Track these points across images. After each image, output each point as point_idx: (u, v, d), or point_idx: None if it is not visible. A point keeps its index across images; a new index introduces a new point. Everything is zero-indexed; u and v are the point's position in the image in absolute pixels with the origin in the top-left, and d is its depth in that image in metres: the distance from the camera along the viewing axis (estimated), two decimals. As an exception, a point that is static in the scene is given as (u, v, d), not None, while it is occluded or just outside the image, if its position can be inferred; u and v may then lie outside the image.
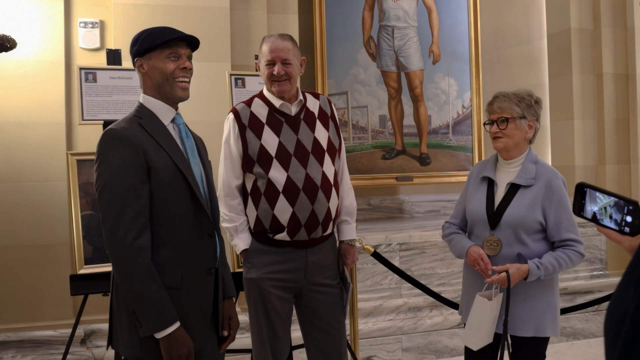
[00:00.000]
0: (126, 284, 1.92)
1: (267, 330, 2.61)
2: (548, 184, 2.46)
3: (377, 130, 5.43)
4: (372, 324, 4.29)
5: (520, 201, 2.45)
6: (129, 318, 1.96)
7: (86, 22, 4.09)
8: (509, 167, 2.54)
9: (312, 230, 2.58)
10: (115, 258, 1.92)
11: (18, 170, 3.90)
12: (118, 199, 1.91)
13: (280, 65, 2.56)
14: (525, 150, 2.54)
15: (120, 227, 1.90)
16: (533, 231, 2.45)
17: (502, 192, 2.51)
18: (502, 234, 2.45)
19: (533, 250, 2.44)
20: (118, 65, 3.57)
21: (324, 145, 2.65)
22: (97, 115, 3.46)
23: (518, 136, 2.49)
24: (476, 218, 2.54)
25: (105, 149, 1.96)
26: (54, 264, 3.90)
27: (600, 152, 5.31)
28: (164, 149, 2.01)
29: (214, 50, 4.10)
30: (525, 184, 2.46)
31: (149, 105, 2.08)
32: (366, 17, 5.41)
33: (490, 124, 2.53)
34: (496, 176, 2.55)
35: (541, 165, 2.52)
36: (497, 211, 2.47)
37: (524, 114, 2.49)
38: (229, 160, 2.62)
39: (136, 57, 2.08)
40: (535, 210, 2.44)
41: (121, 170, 1.92)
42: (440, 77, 5.63)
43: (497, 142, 2.52)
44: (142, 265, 1.90)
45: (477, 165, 2.70)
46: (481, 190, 2.56)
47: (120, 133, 1.96)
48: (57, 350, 3.78)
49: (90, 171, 3.20)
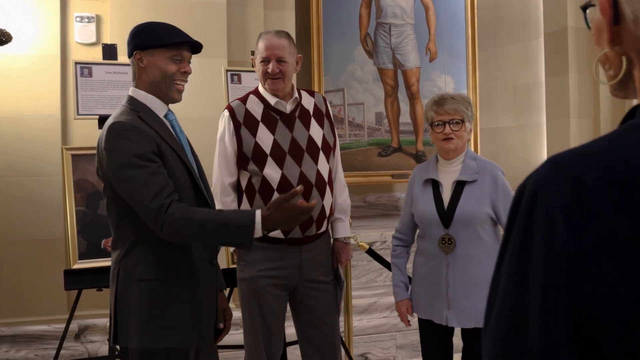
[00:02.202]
0: (196, 240, 1.99)
1: (261, 328, 2.61)
2: (492, 177, 2.55)
3: (373, 127, 5.43)
4: (366, 321, 4.30)
5: (468, 197, 2.53)
6: (140, 309, 1.97)
7: (82, 17, 4.08)
8: (450, 166, 2.61)
9: (306, 228, 2.58)
10: (167, 234, 1.93)
11: (13, 164, 3.89)
12: (144, 183, 1.91)
13: (274, 63, 2.55)
14: (464, 150, 2.63)
15: (152, 208, 1.89)
16: (485, 224, 2.53)
17: (448, 191, 2.57)
18: (456, 231, 2.52)
19: (489, 244, 2.53)
20: (114, 60, 3.55)
21: (318, 143, 2.65)
22: (92, 110, 3.44)
23: (466, 137, 2.59)
24: (428, 219, 2.59)
25: (117, 139, 1.94)
26: (48, 258, 3.89)
27: (595, 151, 5.32)
28: (166, 141, 2.02)
29: (210, 46, 4.08)
30: (470, 180, 2.54)
31: (142, 99, 2.08)
32: (363, 14, 5.40)
33: (440, 125, 2.56)
34: (439, 177, 2.61)
35: (480, 160, 2.62)
36: (448, 209, 2.54)
37: (470, 117, 2.60)
38: (224, 158, 2.62)
39: (136, 50, 2.06)
40: (485, 203, 2.52)
41: (138, 157, 1.92)
42: (437, 74, 5.63)
43: (449, 144, 2.56)
44: (184, 218, 1.90)
45: (417, 170, 2.75)
46: (427, 192, 2.62)
47: (129, 124, 1.96)
48: (51, 345, 3.77)
49: (86, 166, 3.19)
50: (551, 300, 0.71)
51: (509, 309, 0.76)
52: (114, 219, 2.05)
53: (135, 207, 1.94)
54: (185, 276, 2.03)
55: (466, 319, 2.52)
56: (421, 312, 2.66)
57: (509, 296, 0.76)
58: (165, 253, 1.99)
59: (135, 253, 2.00)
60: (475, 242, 2.52)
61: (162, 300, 1.99)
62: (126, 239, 2.02)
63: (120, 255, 2.02)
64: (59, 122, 3.98)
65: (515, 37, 6.03)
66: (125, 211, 1.99)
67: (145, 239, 1.99)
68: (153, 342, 1.98)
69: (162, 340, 1.98)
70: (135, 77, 2.11)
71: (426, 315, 2.64)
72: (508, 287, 0.76)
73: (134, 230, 2.00)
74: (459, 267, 2.51)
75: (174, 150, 2.04)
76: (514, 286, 0.75)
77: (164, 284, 2.00)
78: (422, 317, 2.67)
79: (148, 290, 1.98)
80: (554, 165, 0.75)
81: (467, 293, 2.51)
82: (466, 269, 2.51)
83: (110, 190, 2.01)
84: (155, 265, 2.00)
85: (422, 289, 2.66)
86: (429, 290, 2.60)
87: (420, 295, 2.66)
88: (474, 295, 2.51)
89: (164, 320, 1.99)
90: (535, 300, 0.72)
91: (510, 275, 0.76)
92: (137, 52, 2.06)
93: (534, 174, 0.76)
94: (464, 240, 2.51)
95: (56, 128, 3.96)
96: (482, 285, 2.51)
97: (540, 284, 0.72)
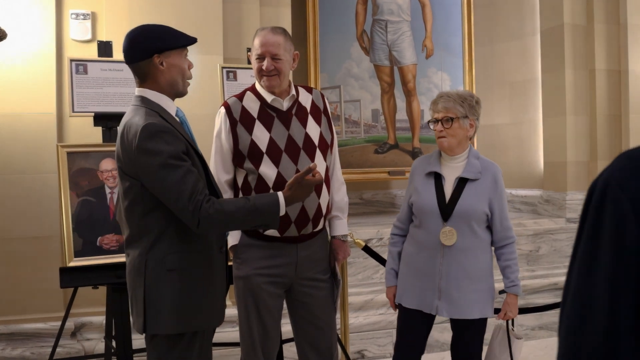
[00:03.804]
0: (230, 228, 2.26)
1: (257, 326, 2.60)
2: (493, 177, 2.67)
3: (369, 124, 5.43)
4: (363, 318, 4.30)
5: (469, 193, 2.63)
6: (172, 295, 2.13)
7: (78, 14, 4.06)
8: (453, 162, 2.70)
9: (302, 226, 2.58)
10: (206, 230, 2.12)
11: (8, 162, 3.88)
12: (180, 183, 2.06)
13: (269, 60, 2.53)
14: (467, 147, 2.72)
15: (187, 207, 2.05)
16: (481, 221, 2.65)
17: (450, 186, 2.67)
18: (454, 225, 2.62)
19: (482, 239, 2.67)
20: (109, 57, 3.54)
21: (315, 141, 2.64)
22: (87, 108, 3.43)
23: (461, 135, 2.66)
24: (428, 211, 2.67)
25: (151, 140, 2.06)
26: (44, 256, 3.88)
27: (592, 148, 5.32)
28: (185, 139, 2.16)
29: (206, 43, 4.07)
30: (473, 178, 2.65)
31: (156, 99, 2.20)
32: (360, 11, 5.40)
33: (435, 122, 2.68)
34: (442, 171, 2.70)
35: (483, 160, 2.72)
36: (449, 203, 2.63)
37: (466, 114, 2.66)
38: (220, 155, 2.61)
39: (155, 54, 2.16)
40: (483, 201, 2.64)
41: (173, 158, 2.06)
42: (433, 71, 5.62)
43: (442, 141, 2.67)
44: (218, 212, 2.08)
45: (420, 162, 2.83)
46: (429, 185, 2.70)
47: (162, 126, 2.09)
48: (47, 343, 3.77)
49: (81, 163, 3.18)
50: (619, 291, 0.74)
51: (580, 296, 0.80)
52: (138, 215, 2.16)
53: (171, 205, 2.09)
54: (205, 263, 2.22)
55: (456, 309, 2.63)
56: (408, 302, 2.73)
57: (580, 284, 0.80)
58: (188, 243, 2.17)
59: (162, 245, 2.15)
60: (470, 236, 2.63)
61: (190, 287, 2.17)
62: (152, 232, 2.15)
63: (147, 248, 2.15)
64: (55, 119, 3.96)
65: (512, 33, 6.03)
66: (152, 206, 2.13)
67: (170, 231, 2.15)
68: (184, 327, 2.16)
69: (190, 324, 2.17)
70: (146, 78, 2.20)
71: (414, 304, 2.71)
72: (580, 274, 0.80)
73: (160, 223, 2.14)
74: (454, 259, 2.62)
75: (191, 146, 2.18)
76: (586, 276, 0.79)
77: (190, 272, 2.17)
78: (408, 307, 2.73)
79: (179, 279, 2.15)
80: (627, 159, 0.75)
81: (458, 285, 2.61)
82: (460, 261, 2.62)
83: (139, 187, 2.13)
84: (181, 255, 2.16)
85: (412, 278, 2.74)
86: (420, 280, 2.69)
87: (410, 285, 2.74)
88: (465, 287, 2.62)
89: (191, 305, 2.17)
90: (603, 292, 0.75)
91: (582, 265, 0.80)
92: (156, 55, 2.16)
93: (607, 169, 0.77)
94: (461, 234, 2.62)
95: (52, 125, 3.94)
96: (473, 278, 2.64)
97: (609, 276, 0.75)
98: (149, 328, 2.17)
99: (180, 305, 2.15)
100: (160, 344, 2.19)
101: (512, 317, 2.74)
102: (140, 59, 2.17)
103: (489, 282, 2.70)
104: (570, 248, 2.99)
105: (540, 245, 5.08)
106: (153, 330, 2.17)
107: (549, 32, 5.48)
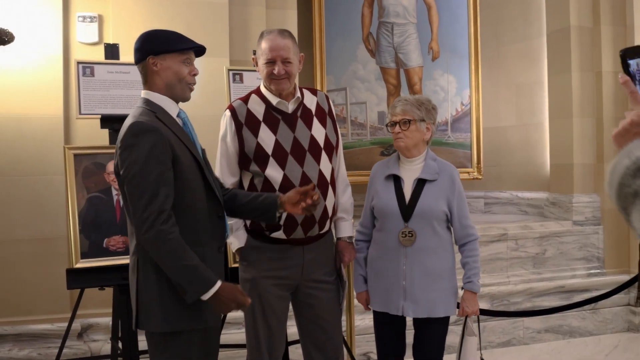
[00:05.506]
0: (165, 261, 2.10)
1: (262, 327, 2.61)
2: (450, 178, 2.76)
3: (375, 126, 5.43)
4: (368, 320, 4.27)
5: (428, 194, 2.71)
6: (160, 294, 2.14)
7: (85, 16, 4.08)
8: (411, 164, 2.78)
9: (308, 228, 2.58)
10: (149, 241, 2.08)
11: (15, 164, 3.89)
12: (149, 186, 2.06)
13: (280, 65, 2.53)
14: (424, 149, 2.80)
15: (151, 212, 2.05)
16: (441, 221, 2.72)
17: (409, 187, 2.74)
18: (415, 225, 2.68)
19: (444, 239, 2.74)
20: (116, 60, 3.55)
21: (320, 143, 2.65)
22: (94, 110, 3.45)
23: (417, 137, 2.74)
24: (388, 212, 2.74)
25: (135, 138, 2.09)
26: (50, 257, 3.89)
27: (598, 150, 5.30)
28: (181, 140, 2.19)
29: (212, 46, 4.04)
30: (431, 179, 2.73)
31: (157, 101, 2.23)
32: (365, 13, 5.40)
33: (393, 125, 2.75)
34: (401, 173, 2.78)
35: (440, 162, 2.80)
36: (409, 204, 2.71)
37: (423, 118, 2.74)
38: (226, 158, 2.62)
39: (149, 55, 2.21)
40: (442, 201, 2.72)
41: (152, 159, 2.07)
42: (440, 74, 5.62)
43: (399, 142, 2.75)
44: (174, 241, 2.07)
45: (379, 166, 2.91)
46: (389, 187, 2.78)
47: (148, 125, 2.11)
48: (54, 344, 3.78)
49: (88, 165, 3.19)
50: None
51: None
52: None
53: (132, 204, 2.09)
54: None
55: (419, 309, 2.69)
56: (377, 305, 2.80)
57: None
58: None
59: None
60: (431, 235, 2.70)
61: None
62: None
63: (139, 246, 2.16)
64: (62, 121, 3.98)
65: (518, 35, 6.02)
66: None
67: None
68: (176, 325, 2.16)
69: (184, 322, 2.17)
70: (146, 80, 2.26)
71: (382, 307, 2.77)
72: None
73: None
74: (416, 259, 2.68)
75: (187, 147, 2.20)
76: None
77: None
78: (377, 310, 2.80)
79: (167, 278, 2.13)
80: None
81: (421, 284, 2.67)
82: (422, 260, 2.68)
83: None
84: None
85: (378, 282, 2.79)
86: (385, 282, 2.74)
87: (377, 288, 2.79)
88: (427, 287, 2.68)
89: (179, 304, 2.15)
90: None
91: None
92: (150, 57, 2.21)
93: None
94: (422, 233, 2.69)
95: (58, 127, 3.96)
96: (435, 276, 2.70)
97: None
98: (140, 325, 2.20)
99: (168, 305, 2.16)
100: (157, 340, 2.22)
101: (472, 314, 2.78)
102: (138, 61, 2.26)
103: (452, 280, 2.77)
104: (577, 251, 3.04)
105: (546, 248, 5.07)
106: (144, 327, 2.20)
107: (555, 34, 5.46)
